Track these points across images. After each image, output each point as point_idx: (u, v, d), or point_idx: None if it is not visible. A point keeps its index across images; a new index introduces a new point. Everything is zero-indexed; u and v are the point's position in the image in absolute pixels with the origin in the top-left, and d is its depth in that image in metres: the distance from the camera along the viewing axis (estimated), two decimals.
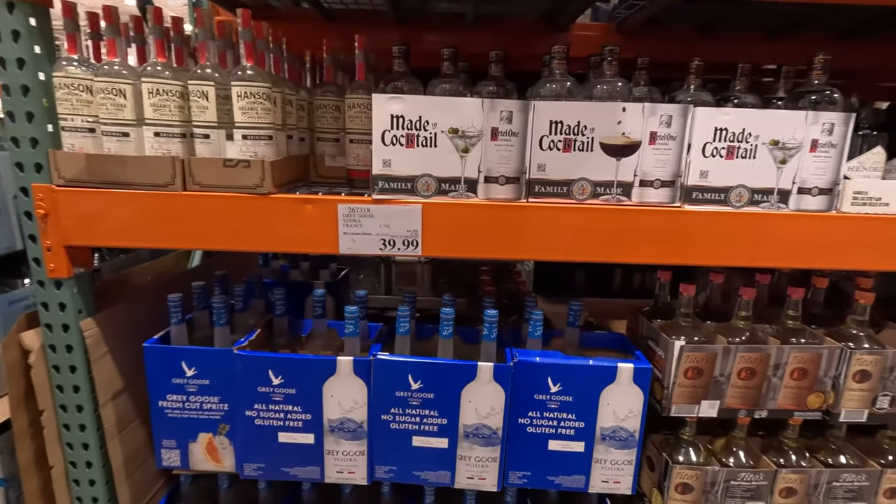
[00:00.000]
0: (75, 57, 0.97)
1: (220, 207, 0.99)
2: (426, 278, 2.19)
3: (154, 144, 0.98)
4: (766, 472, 1.15)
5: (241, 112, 0.97)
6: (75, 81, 0.96)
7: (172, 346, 1.10)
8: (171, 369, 1.09)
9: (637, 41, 1.65)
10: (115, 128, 0.97)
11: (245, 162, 0.97)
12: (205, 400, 1.11)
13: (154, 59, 0.96)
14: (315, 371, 1.07)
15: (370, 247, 1.02)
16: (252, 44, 0.97)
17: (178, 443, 1.14)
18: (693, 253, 0.99)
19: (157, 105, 0.96)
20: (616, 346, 1.25)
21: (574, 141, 0.98)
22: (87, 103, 0.97)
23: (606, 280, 2.53)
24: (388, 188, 0.99)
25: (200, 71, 0.96)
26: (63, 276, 1.03)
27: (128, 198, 0.98)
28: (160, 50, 0.96)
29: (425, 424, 1.09)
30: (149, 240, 1.01)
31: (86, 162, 0.97)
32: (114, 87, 0.95)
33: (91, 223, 1.00)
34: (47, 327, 1.06)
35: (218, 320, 1.12)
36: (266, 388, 1.08)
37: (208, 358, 1.08)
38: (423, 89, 1.10)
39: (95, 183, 0.98)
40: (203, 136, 0.98)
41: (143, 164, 0.97)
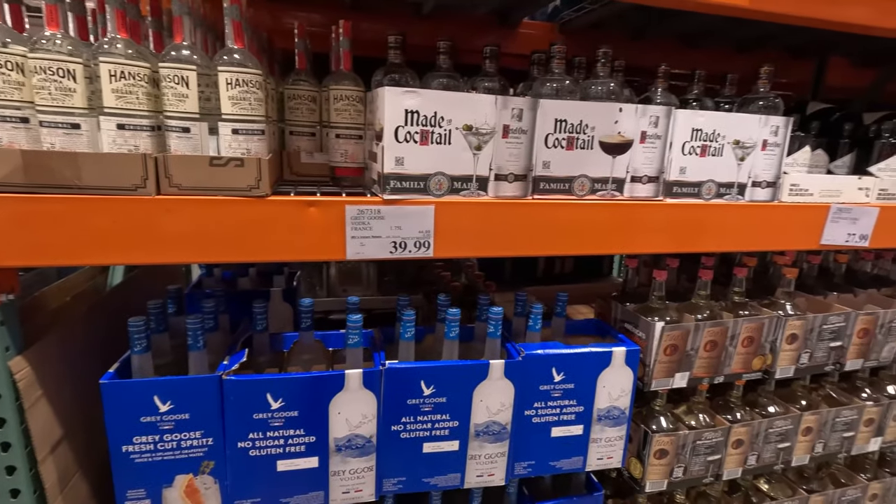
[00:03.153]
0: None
1: (206, 213, 0.85)
2: (371, 277, 2.11)
3: (117, 139, 0.81)
4: (723, 428, 1.32)
5: (231, 102, 0.84)
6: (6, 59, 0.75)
7: (140, 380, 0.92)
8: (140, 406, 0.92)
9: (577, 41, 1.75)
10: (61, 118, 0.78)
11: (237, 160, 0.85)
12: (183, 437, 0.95)
13: (114, 35, 0.79)
14: (321, 388, 0.98)
15: (380, 251, 0.95)
16: (240, 23, 0.84)
17: (147, 492, 0.96)
18: (683, 241, 1.10)
19: (122, 91, 0.79)
20: (594, 331, 1.33)
21: (576, 139, 1.02)
22: (18, 86, 0.77)
23: (531, 270, 2.68)
24: (400, 188, 0.94)
25: (177, 52, 0.81)
26: None
27: (81, 204, 0.80)
28: (121, 23, 0.79)
29: (437, 429, 1.07)
30: (111, 255, 0.83)
31: (21, 160, 0.76)
32: (59, 67, 0.76)
33: (31, 239, 0.79)
34: None
35: (194, 343, 0.96)
36: (263, 413, 0.96)
37: (188, 388, 0.93)
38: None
39: (34, 187, 0.78)
40: (181, 130, 0.83)
41: (103, 162, 0.79)
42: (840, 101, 1.86)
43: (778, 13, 1.06)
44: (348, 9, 1.50)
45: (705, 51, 1.81)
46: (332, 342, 1.18)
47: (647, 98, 1.19)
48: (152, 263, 0.85)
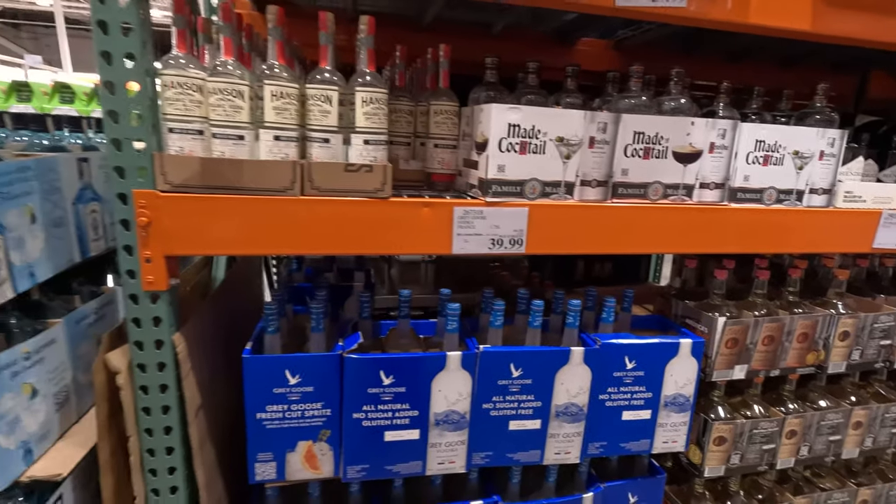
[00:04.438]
0: (183, 55, 0.91)
1: (341, 212, 0.99)
2: (429, 277, 2.24)
3: (273, 148, 0.95)
4: (778, 419, 1.41)
5: (364, 117, 0.98)
6: (188, 81, 0.90)
7: (276, 356, 1.06)
8: (274, 379, 1.06)
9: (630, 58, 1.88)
10: (231, 130, 0.93)
11: (367, 167, 0.99)
12: (307, 407, 1.09)
13: (273, 61, 0.94)
14: (425, 368, 1.11)
15: (480, 246, 1.08)
16: (373, 50, 0.99)
17: (274, 455, 1.10)
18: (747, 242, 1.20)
19: (280, 108, 0.94)
20: (657, 325, 1.44)
21: (652, 149, 1.14)
22: (199, 104, 0.92)
23: (571, 272, 2.79)
24: (499, 191, 1.07)
25: (322, 76, 0.96)
26: (161, 288, 0.96)
27: (244, 203, 0.95)
28: (280, 52, 0.94)
29: (522, 408, 1.19)
30: (265, 246, 0.98)
31: (199, 166, 0.92)
32: (233, 89, 0.91)
33: (200, 231, 0.94)
34: (137, 345, 0.97)
35: (316, 326, 1.10)
36: (376, 388, 1.09)
37: (313, 364, 1.07)
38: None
39: (206, 188, 0.93)
40: (322, 141, 0.98)
41: (261, 168, 0.94)
42: (880, 112, 1.95)
43: (837, 35, 1.17)
44: (424, 30, 1.65)
45: (751, 65, 1.92)
46: (422, 330, 1.31)
47: (711, 112, 1.31)
48: (296, 253, 0.99)
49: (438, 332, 1.28)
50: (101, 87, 0.86)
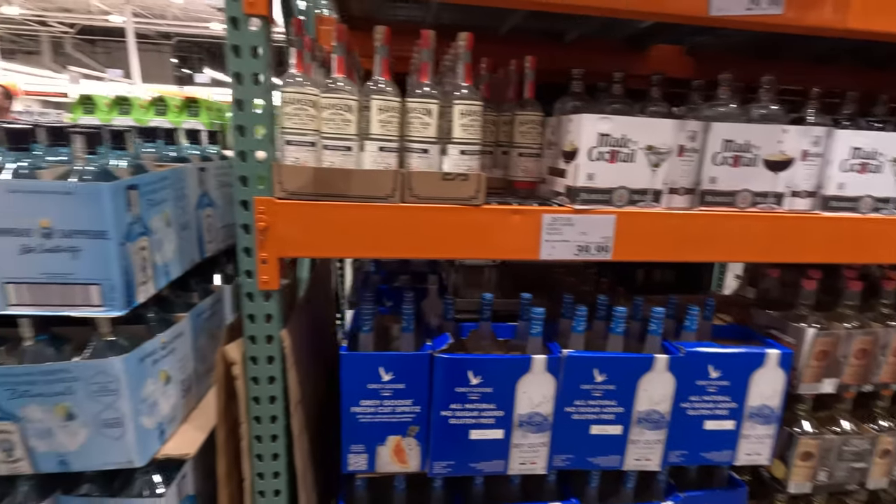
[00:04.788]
0: (300, 74, 0.99)
1: (437, 218, 1.04)
2: (493, 281, 2.28)
3: (377, 158, 1.02)
4: (870, 437, 1.35)
5: (462, 128, 1.03)
6: (306, 97, 0.98)
7: (371, 353, 1.13)
8: (368, 375, 1.12)
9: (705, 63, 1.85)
10: (340, 142, 1.01)
11: (463, 175, 1.04)
12: (398, 404, 1.15)
13: (379, 77, 1.01)
14: (512, 369, 1.14)
15: (566, 252, 1.11)
16: (471, 65, 1.04)
17: (366, 447, 1.17)
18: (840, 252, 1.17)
19: (385, 121, 1.00)
20: (738, 335, 1.41)
21: (742, 157, 1.13)
22: (313, 118, 1.00)
23: (632, 279, 2.75)
24: (588, 199, 1.09)
25: (423, 90, 1.02)
26: (274, 287, 1.04)
27: (349, 210, 1.02)
28: (385, 69, 1.01)
29: (604, 413, 1.20)
30: (367, 250, 1.05)
31: (312, 175, 0.99)
32: (344, 104, 0.99)
33: (310, 235, 1.02)
34: (250, 339, 1.06)
35: (407, 326, 1.16)
36: (464, 388, 1.14)
37: (406, 363, 1.13)
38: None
39: (316, 195, 1.01)
40: (422, 151, 1.04)
41: (367, 177, 1.01)
42: None
43: None
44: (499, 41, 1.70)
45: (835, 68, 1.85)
46: (501, 333, 1.35)
47: (799, 118, 1.28)
48: (395, 257, 1.05)
49: (518, 335, 1.31)
50: (232, 104, 0.95)
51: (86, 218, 0.78)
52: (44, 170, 0.83)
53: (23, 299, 0.81)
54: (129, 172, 0.90)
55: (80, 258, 0.80)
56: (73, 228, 0.78)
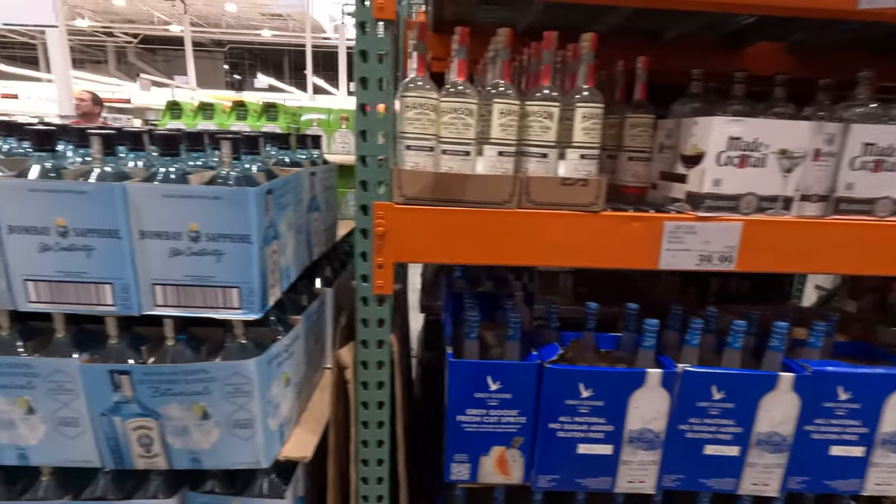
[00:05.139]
0: (422, 78, 0.98)
1: (555, 224, 1.01)
2: (567, 288, 2.22)
3: (496, 163, 1.00)
4: None
5: (583, 132, 1.00)
6: (427, 102, 0.97)
7: (481, 361, 1.11)
8: (476, 384, 1.10)
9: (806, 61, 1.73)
10: (459, 146, 0.99)
11: (583, 181, 1.00)
12: (503, 414, 1.12)
13: (500, 80, 0.99)
14: (624, 383, 1.09)
15: (687, 262, 1.05)
16: (593, 66, 1.00)
17: (469, 457, 1.15)
18: None
19: (505, 125, 0.98)
20: (860, 353, 1.31)
21: (884, 162, 1.04)
22: (433, 123, 0.99)
23: (705, 288, 2.62)
24: (713, 206, 1.03)
25: (544, 92, 0.99)
26: (388, 292, 1.03)
27: (466, 215, 1.00)
28: (506, 71, 0.99)
29: (721, 433, 1.13)
30: (481, 256, 1.03)
31: (432, 180, 0.98)
32: (465, 108, 0.97)
33: (425, 241, 1.01)
34: (362, 343, 1.06)
35: (514, 335, 1.13)
36: (574, 400, 1.10)
37: (514, 372, 1.10)
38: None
39: (434, 201, 1.00)
40: (540, 156, 1.01)
41: (485, 182, 0.99)
42: None
43: None
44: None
45: None
46: (602, 343, 1.30)
47: None
48: (511, 264, 1.03)
49: (622, 346, 1.25)
50: (356, 109, 0.95)
51: (232, 222, 0.80)
52: (192, 174, 0.86)
53: (168, 300, 0.83)
54: (263, 178, 0.92)
55: (223, 261, 0.81)
56: (219, 232, 0.80)
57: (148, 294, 0.83)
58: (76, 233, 0.79)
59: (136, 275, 0.82)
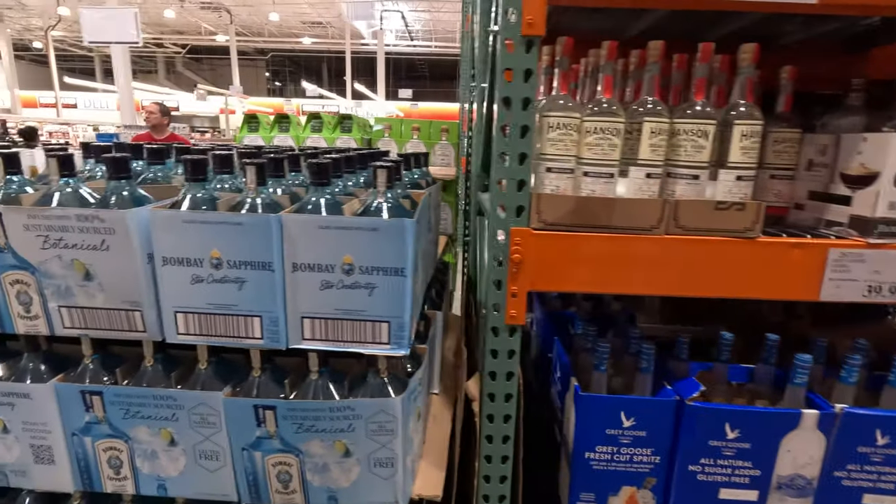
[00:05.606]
0: (565, 96, 0.92)
1: (707, 252, 0.93)
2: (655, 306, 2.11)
3: (643, 186, 0.93)
4: None
5: (741, 152, 0.92)
6: (571, 121, 0.91)
7: (613, 396, 1.04)
8: (607, 419, 1.03)
9: None
10: (604, 168, 0.93)
11: (739, 204, 0.92)
12: (637, 452, 1.04)
13: (647, 97, 0.91)
14: (776, 425, 1.00)
15: (852, 293, 0.95)
16: (753, 80, 0.92)
17: (596, 496, 1.07)
18: None
19: (655, 145, 0.91)
20: None
21: None
22: (575, 143, 0.93)
23: (791, 308, 2.45)
24: (886, 232, 0.93)
25: (697, 109, 0.91)
26: (520, 322, 0.98)
27: (608, 242, 0.93)
28: (657, 87, 0.91)
29: (882, 482, 1.02)
30: (623, 285, 0.96)
31: (574, 204, 0.92)
32: (613, 127, 0.90)
33: (563, 268, 0.95)
34: (490, 375, 1.01)
35: (647, 367, 1.06)
36: (718, 441, 1.01)
37: (651, 408, 1.02)
38: None
39: (574, 226, 0.93)
40: (691, 177, 0.93)
41: (632, 206, 0.92)
42: None
43: None
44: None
45: None
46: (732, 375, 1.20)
47: None
48: (656, 294, 0.96)
49: (757, 379, 1.15)
50: (495, 130, 0.90)
51: (387, 254, 0.76)
52: (344, 204, 0.83)
53: (315, 334, 0.80)
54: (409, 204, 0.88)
55: (375, 295, 0.78)
56: (374, 265, 0.76)
57: (296, 327, 0.80)
58: (230, 265, 0.76)
59: (285, 308, 0.79)
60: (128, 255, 0.76)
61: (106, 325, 0.81)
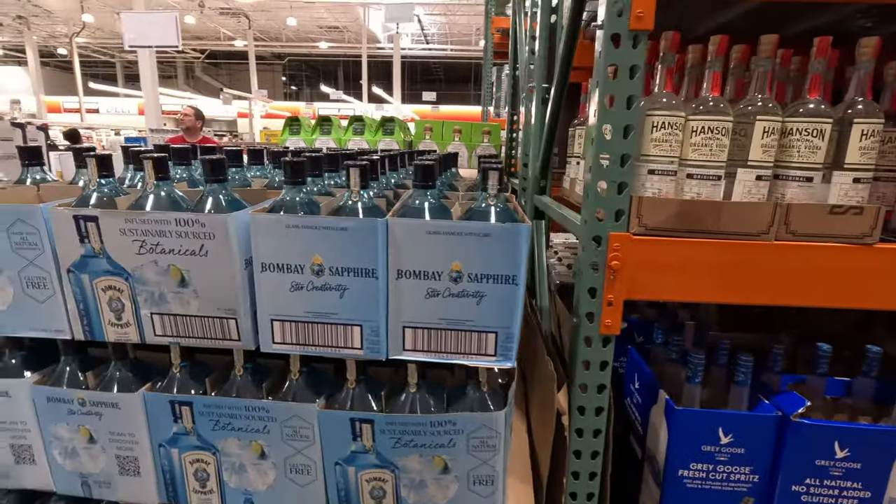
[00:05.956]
0: (669, 94, 0.87)
1: (821, 259, 0.87)
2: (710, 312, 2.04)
3: (752, 189, 0.88)
4: None
5: (859, 152, 0.86)
6: (676, 121, 0.86)
7: (711, 411, 0.98)
8: (704, 435, 0.98)
9: None
10: (711, 171, 0.87)
11: (856, 209, 0.86)
12: (734, 470, 0.99)
13: (758, 94, 0.86)
14: (885, 443, 0.93)
15: None
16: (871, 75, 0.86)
17: None
18: None
19: (767, 146, 0.86)
20: None
21: None
22: (678, 144, 0.88)
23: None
24: None
25: (810, 107, 0.86)
26: (615, 332, 0.93)
27: (714, 248, 0.88)
28: (768, 83, 0.86)
29: None
30: (728, 294, 0.90)
31: (677, 208, 0.87)
32: (721, 127, 0.85)
33: (664, 275, 0.90)
34: (581, 387, 0.96)
35: (744, 380, 1.00)
36: (825, 461, 0.95)
37: (750, 424, 0.97)
38: None
39: (677, 231, 0.88)
40: (804, 179, 0.88)
41: (740, 210, 0.87)
42: None
43: None
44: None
45: None
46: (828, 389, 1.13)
47: None
48: (764, 304, 0.90)
49: (855, 393, 1.09)
50: (594, 130, 0.86)
51: (499, 261, 0.71)
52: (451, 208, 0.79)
53: (417, 345, 0.76)
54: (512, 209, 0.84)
55: (483, 304, 0.73)
56: (484, 272, 0.72)
57: (397, 337, 0.76)
58: (331, 271, 0.73)
59: (387, 317, 0.75)
60: (227, 260, 0.73)
61: (199, 333, 0.78)
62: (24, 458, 0.86)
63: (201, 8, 14.83)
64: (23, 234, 0.76)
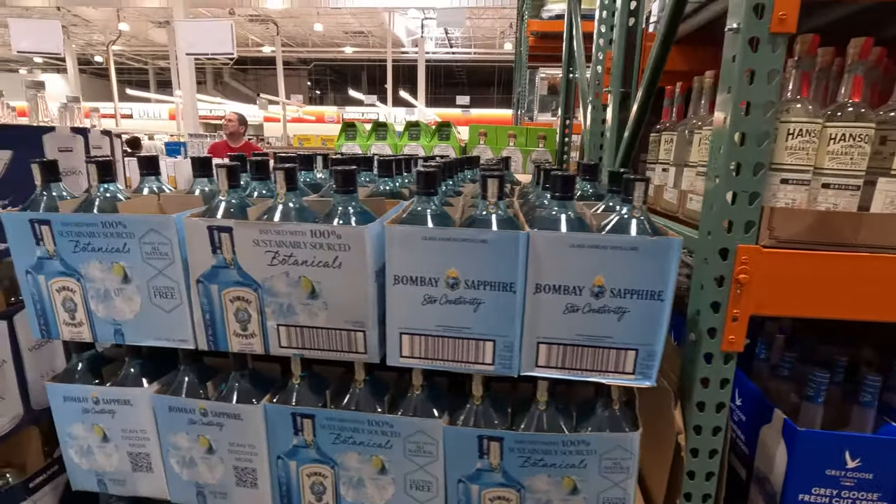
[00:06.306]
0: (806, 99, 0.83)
1: None
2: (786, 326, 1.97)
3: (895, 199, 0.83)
4: None
5: None
6: (813, 128, 0.82)
7: (836, 433, 0.93)
8: (828, 459, 0.92)
9: None
10: (850, 180, 0.83)
11: None
12: (861, 497, 0.93)
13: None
14: None
15: None
16: None
17: None
18: None
19: None
20: None
21: None
22: (815, 152, 0.84)
23: None
24: None
25: None
26: (738, 349, 0.89)
27: (853, 262, 0.83)
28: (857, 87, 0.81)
29: None
30: (867, 311, 0.85)
31: (814, 220, 0.82)
32: (864, 134, 0.81)
33: (795, 290, 0.85)
34: (698, 406, 0.92)
35: (870, 401, 0.94)
36: None
37: (880, 448, 0.91)
38: None
39: (812, 244, 0.84)
40: None
41: (884, 222, 0.82)
42: None
43: None
44: None
45: None
46: None
47: None
48: None
49: None
50: (726, 138, 0.82)
51: (645, 276, 0.69)
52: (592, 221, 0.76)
53: (551, 361, 0.74)
54: None
55: (625, 320, 0.71)
56: (629, 287, 0.69)
57: (531, 353, 0.74)
58: (467, 285, 0.71)
59: (522, 332, 0.73)
60: (360, 272, 0.72)
61: (325, 345, 0.77)
62: (142, 465, 0.87)
63: (232, 15, 15.17)
64: (154, 244, 0.76)
